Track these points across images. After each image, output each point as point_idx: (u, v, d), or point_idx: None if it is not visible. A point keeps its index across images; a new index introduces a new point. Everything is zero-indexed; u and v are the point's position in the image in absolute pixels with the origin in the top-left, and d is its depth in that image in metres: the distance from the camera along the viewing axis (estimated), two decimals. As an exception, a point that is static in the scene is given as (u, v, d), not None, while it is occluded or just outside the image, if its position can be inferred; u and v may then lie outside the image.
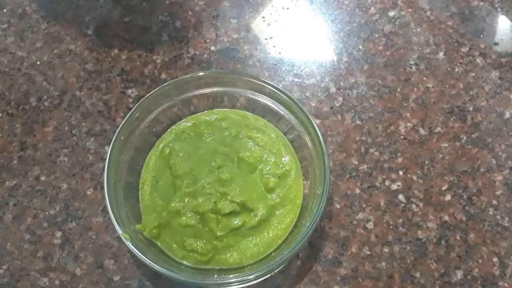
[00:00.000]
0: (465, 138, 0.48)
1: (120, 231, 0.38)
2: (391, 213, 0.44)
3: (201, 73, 0.45)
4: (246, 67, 0.52)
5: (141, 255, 0.37)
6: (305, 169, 0.43)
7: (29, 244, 0.44)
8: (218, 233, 0.40)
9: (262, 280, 0.39)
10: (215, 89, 0.45)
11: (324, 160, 0.39)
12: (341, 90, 0.50)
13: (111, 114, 0.49)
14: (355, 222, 0.44)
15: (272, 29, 0.54)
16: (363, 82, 0.51)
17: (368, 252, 0.43)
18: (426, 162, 0.47)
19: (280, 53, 0.52)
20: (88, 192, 0.46)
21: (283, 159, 0.43)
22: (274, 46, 0.53)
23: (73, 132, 0.49)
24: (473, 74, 0.51)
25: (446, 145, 0.47)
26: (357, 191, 0.45)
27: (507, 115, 0.49)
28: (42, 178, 0.46)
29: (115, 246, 0.43)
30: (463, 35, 0.53)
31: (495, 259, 0.43)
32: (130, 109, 0.43)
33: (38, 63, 0.52)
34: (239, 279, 0.37)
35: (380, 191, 0.45)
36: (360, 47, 0.53)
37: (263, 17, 0.55)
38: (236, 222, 0.40)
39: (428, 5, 0.55)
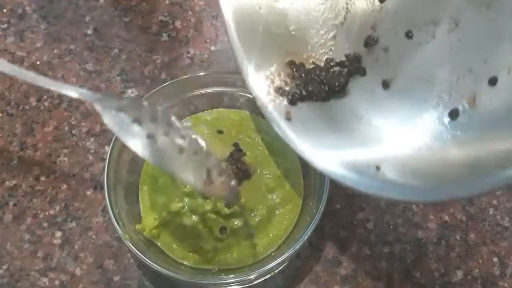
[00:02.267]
0: (465, 138, 0.48)
1: (120, 231, 0.38)
2: (391, 213, 0.44)
3: (201, 73, 0.45)
4: (246, 67, 0.52)
5: (141, 255, 0.37)
6: (305, 169, 0.43)
7: (29, 244, 0.44)
8: (218, 234, 0.40)
9: (262, 280, 0.39)
10: (215, 89, 0.45)
11: (324, 160, 0.39)
12: (341, 90, 0.50)
13: (111, 114, 0.49)
14: (355, 222, 0.44)
15: (272, 29, 0.54)
16: (363, 82, 0.50)
17: (368, 252, 0.43)
18: (426, 162, 0.47)
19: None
20: (88, 192, 0.46)
21: (284, 159, 0.43)
22: (274, 46, 0.53)
23: (73, 132, 0.49)
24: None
25: (446, 145, 0.47)
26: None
27: (507, 115, 0.49)
28: (42, 178, 0.46)
29: (115, 246, 0.43)
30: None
31: (495, 259, 0.43)
32: (130, 109, 0.43)
33: (38, 63, 0.52)
34: (239, 279, 0.37)
35: (380, 191, 0.45)
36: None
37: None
38: (236, 223, 0.40)
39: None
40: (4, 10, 0.56)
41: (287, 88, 0.38)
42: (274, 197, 0.42)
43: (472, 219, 0.44)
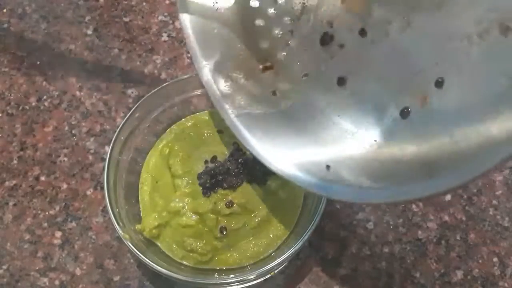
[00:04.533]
0: (465, 138, 0.48)
1: (120, 231, 0.38)
2: (391, 213, 0.44)
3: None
4: (246, 67, 0.52)
5: (141, 255, 0.37)
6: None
7: (29, 244, 0.44)
8: (218, 234, 0.40)
9: (262, 280, 0.39)
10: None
11: (324, 160, 0.39)
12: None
13: (111, 114, 0.49)
14: (355, 222, 0.44)
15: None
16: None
17: (368, 252, 0.43)
18: (426, 162, 0.47)
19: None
20: (88, 192, 0.46)
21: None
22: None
23: (73, 132, 0.49)
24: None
25: (446, 145, 0.47)
26: (357, 191, 0.45)
27: (507, 115, 0.49)
28: (42, 178, 0.46)
29: (115, 246, 0.43)
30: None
31: (495, 259, 0.43)
32: (130, 109, 0.43)
33: (38, 63, 0.52)
34: (239, 279, 0.37)
35: (380, 191, 0.45)
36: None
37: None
38: (236, 223, 0.40)
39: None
40: (4, 10, 0.56)
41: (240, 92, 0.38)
42: (275, 198, 0.42)
43: (472, 219, 0.44)
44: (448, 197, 0.45)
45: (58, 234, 0.44)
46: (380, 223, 0.44)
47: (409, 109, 0.32)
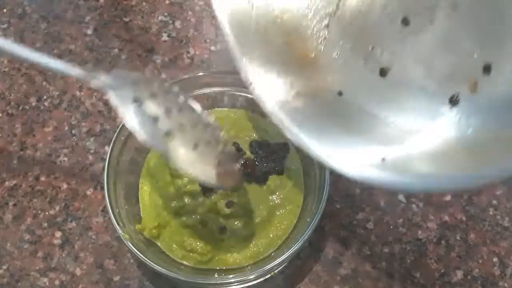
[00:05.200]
0: (465, 138, 0.48)
1: (120, 231, 0.38)
2: (391, 213, 0.44)
3: (201, 73, 0.45)
4: (246, 67, 0.52)
5: (141, 255, 0.37)
6: (305, 169, 0.43)
7: (29, 244, 0.44)
8: (218, 234, 0.40)
9: (262, 280, 0.39)
10: (215, 89, 0.45)
11: (324, 160, 0.39)
12: (341, 90, 0.50)
13: (111, 114, 0.49)
14: (355, 222, 0.44)
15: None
16: (363, 82, 0.50)
17: (368, 252, 0.43)
18: (426, 162, 0.47)
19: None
20: (88, 192, 0.46)
21: (284, 159, 0.43)
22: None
23: (73, 132, 0.49)
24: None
25: (446, 145, 0.47)
26: (357, 191, 0.45)
27: (507, 115, 0.49)
28: (42, 178, 0.46)
29: (115, 246, 0.43)
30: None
31: (495, 259, 0.43)
32: (130, 109, 0.43)
33: (38, 63, 0.52)
34: (239, 279, 0.37)
35: (380, 191, 0.45)
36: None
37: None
38: (236, 223, 0.40)
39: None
40: (4, 10, 0.56)
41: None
42: (275, 198, 0.42)
43: (472, 219, 0.44)
44: (448, 197, 0.45)
45: (58, 234, 0.44)
46: (380, 223, 0.44)
47: (458, 97, 0.31)
